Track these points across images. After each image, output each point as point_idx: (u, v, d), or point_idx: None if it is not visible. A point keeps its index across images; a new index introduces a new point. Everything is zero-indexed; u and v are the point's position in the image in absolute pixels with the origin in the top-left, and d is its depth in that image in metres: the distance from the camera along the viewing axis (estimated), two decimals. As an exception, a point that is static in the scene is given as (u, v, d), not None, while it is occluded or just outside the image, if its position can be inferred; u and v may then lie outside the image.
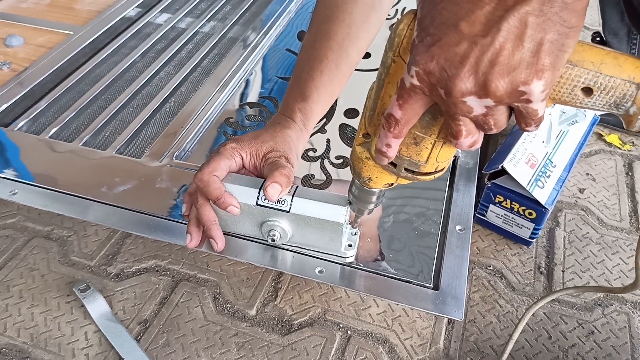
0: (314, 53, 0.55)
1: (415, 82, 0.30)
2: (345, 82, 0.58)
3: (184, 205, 0.55)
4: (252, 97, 0.79)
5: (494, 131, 0.31)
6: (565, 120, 0.74)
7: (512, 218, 0.67)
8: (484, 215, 0.70)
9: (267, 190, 0.48)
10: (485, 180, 0.67)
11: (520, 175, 0.64)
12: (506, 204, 0.66)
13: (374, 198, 0.47)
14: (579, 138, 0.74)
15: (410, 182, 0.41)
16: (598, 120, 0.78)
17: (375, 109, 0.37)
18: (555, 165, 0.68)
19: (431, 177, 0.39)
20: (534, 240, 0.69)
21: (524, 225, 0.67)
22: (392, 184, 0.43)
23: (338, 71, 0.56)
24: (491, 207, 0.68)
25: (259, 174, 0.53)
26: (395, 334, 0.59)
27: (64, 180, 0.62)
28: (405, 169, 0.38)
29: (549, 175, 0.67)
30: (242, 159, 0.52)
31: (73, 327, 0.58)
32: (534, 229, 0.66)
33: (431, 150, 0.36)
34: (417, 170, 0.38)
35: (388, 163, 0.38)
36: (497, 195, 0.66)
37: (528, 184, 0.64)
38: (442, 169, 0.39)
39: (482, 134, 0.32)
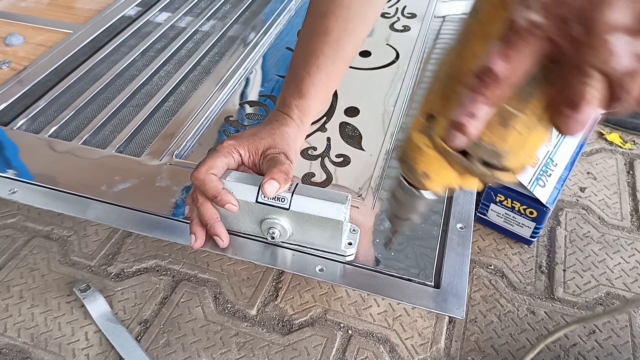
0: (310, 49, 0.55)
1: (538, 18, 0.22)
2: (341, 77, 0.58)
3: (186, 207, 0.54)
4: (252, 95, 0.78)
5: (625, 108, 0.23)
6: None
7: (513, 217, 0.67)
8: (485, 215, 0.70)
9: (265, 187, 0.48)
10: None
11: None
12: (507, 202, 0.66)
13: (423, 205, 0.37)
14: (580, 137, 0.74)
15: (479, 183, 0.32)
16: (599, 119, 0.78)
17: (453, 76, 0.28)
18: (556, 164, 0.68)
19: (510, 174, 0.30)
20: (535, 239, 0.68)
21: (524, 224, 0.67)
22: (452, 187, 0.34)
23: (334, 67, 0.55)
24: (492, 206, 0.68)
25: (259, 171, 0.53)
26: (396, 334, 0.59)
27: (64, 179, 0.61)
28: (482, 162, 0.29)
29: (550, 174, 0.66)
30: (241, 156, 0.52)
31: (73, 327, 0.58)
32: (535, 228, 0.66)
33: (521, 134, 0.27)
34: (497, 163, 0.29)
35: (459, 152, 0.29)
36: (498, 194, 0.66)
37: (529, 183, 0.64)
38: (524, 167, 0.30)
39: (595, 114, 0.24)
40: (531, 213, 0.65)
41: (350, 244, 0.56)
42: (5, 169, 0.63)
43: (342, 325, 0.59)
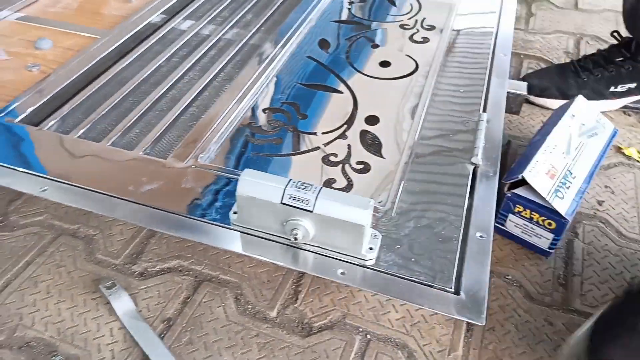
0: None
1: None
2: None
3: None
4: (274, 102, 0.80)
5: None
6: (585, 132, 0.75)
7: (532, 228, 0.68)
8: (503, 225, 0.70)
9: None
10: (505, 189, 0.67)
11: (540, 185, 0.65)
12: (526, 213, 0.67)
13: None
14: (599, 150, 0.74)
15: None
16: (617, 133, 0.79)
17: None
18: (575, 177, 0.69)
19: None
20: (553, 251, 0.69)
21: (543, 235, 0.67)
22: None
23: None
24: (510, 216, 0.69)
25: None
26: (414, 340, 0.59)
27: (93, 178, 0.63)
28: None
29: (569, 187, 0.67)
30: None
31: (99, 323, 0.59)
32: (553, 239, 0.66)
33: None
34: None
35: None
36: (517, 205, 0.67)
37: (548, 195, 0.64)
38: None
39: None
40: (549, 224, 0.66)
41: (371, 248, 0.57)
42: (37, 168, 0.65)
43: (360, 329, 0.60)
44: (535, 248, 0.70)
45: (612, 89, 0.93)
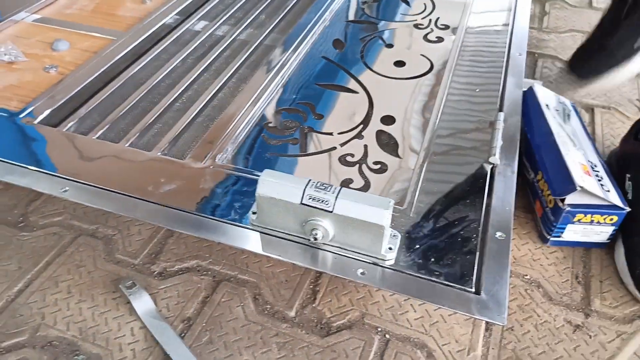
0: None
1: None
2: None
3: None
4: (289, 102, 0.80)
5: None
6: (563, 116, 0.74)
7: (592, 229, 0.67)
8: (560, 236, 0.69)
9: None
10: (560, 204, 0.66)
11: (591, 187, 0.64)
12: (586, 219, 0.66)
13: None
14: (582, 129, 0.74)
15: None
16: (574, 104, 0.79)
17: None
18: (596, 164, 0.68)
19: None
20: (610, 240, 0.69)
21: (603, 231, 0.67)
22: None
23: None
24: (569, 226, 0.68)
25: None
26: (433, 340, 0.59)
27: (112, 179, 0.64)
28: None
29: (601, 177, 0.67)
30: None
31: (119, 322, 0.60)
32: (613, 230, 0.67)
33: None
34: None
35: None
36: (577, 215, 0.66)
37: (601, 192, 0.64)
38: None
39: None
40: (611, 220, 0.65)
41: (390, 248, 0.57)
42: (56, 169, 0.65)
43: (379, 329, 0.60)
44: (592, 245, 0.69)
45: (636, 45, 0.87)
